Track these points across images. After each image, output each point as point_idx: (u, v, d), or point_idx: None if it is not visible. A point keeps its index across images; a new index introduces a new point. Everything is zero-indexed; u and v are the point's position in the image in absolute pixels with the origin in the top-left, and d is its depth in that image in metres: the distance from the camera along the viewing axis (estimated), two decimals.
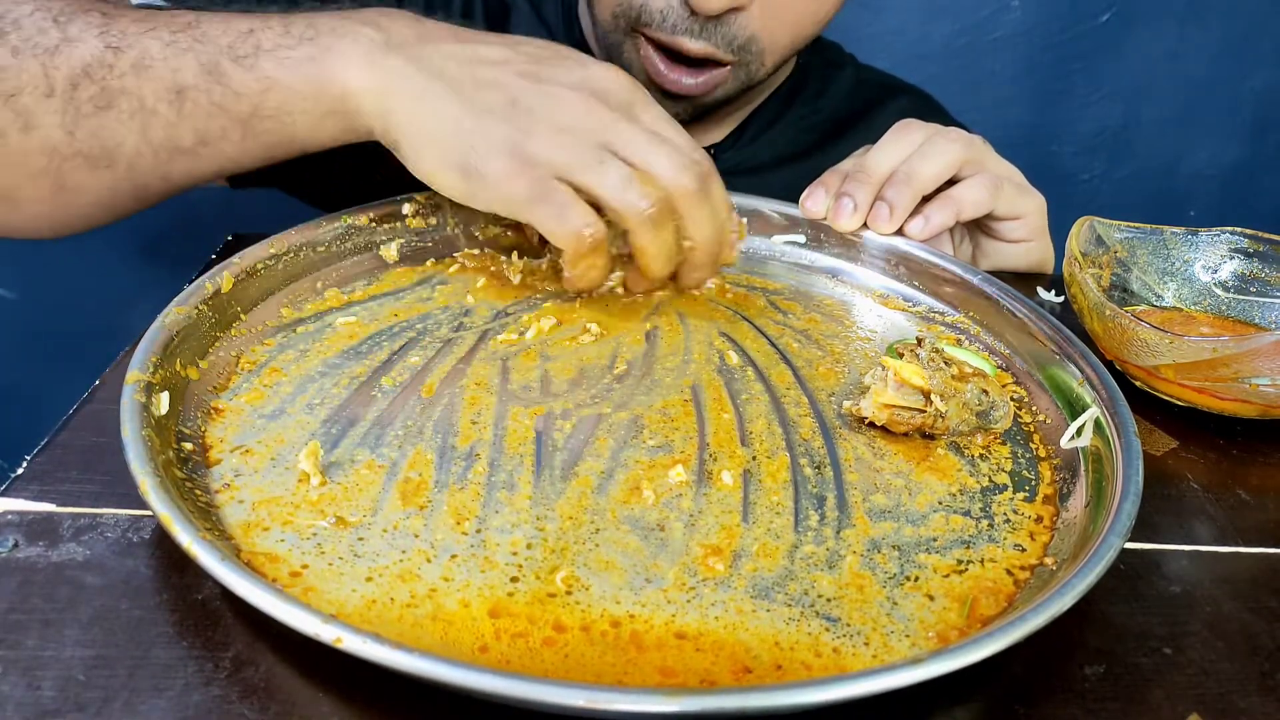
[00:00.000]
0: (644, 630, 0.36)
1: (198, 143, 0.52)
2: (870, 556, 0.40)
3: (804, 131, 0.86)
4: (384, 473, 0.43)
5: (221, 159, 0.54)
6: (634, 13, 0.68)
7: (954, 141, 0.63)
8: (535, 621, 0.36)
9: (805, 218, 0.64)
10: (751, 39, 0.69)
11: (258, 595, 0.32)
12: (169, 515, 0.35)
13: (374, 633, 0.31)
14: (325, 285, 0.56)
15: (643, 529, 0.41)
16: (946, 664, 0.31)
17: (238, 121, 0.52)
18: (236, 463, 0.42)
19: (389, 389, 0.49)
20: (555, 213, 0.50)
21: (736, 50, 0.69)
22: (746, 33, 0.68)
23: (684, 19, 0.67)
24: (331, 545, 0.38)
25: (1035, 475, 0.46)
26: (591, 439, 0.46)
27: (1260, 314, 0.60)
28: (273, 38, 0.52)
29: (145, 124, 0.51)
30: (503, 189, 0.50)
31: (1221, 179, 1.36)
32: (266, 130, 0.52)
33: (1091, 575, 0.35)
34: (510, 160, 0.50)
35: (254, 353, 0.50)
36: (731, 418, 0.49)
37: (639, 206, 0.50)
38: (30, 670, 0.33)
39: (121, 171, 0.53)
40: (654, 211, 0.51)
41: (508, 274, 0.60)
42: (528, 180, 0.50)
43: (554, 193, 0.50)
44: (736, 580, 0.39)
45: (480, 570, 0.38)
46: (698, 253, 0.54)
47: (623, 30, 0.70)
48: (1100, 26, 1.25)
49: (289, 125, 0.52)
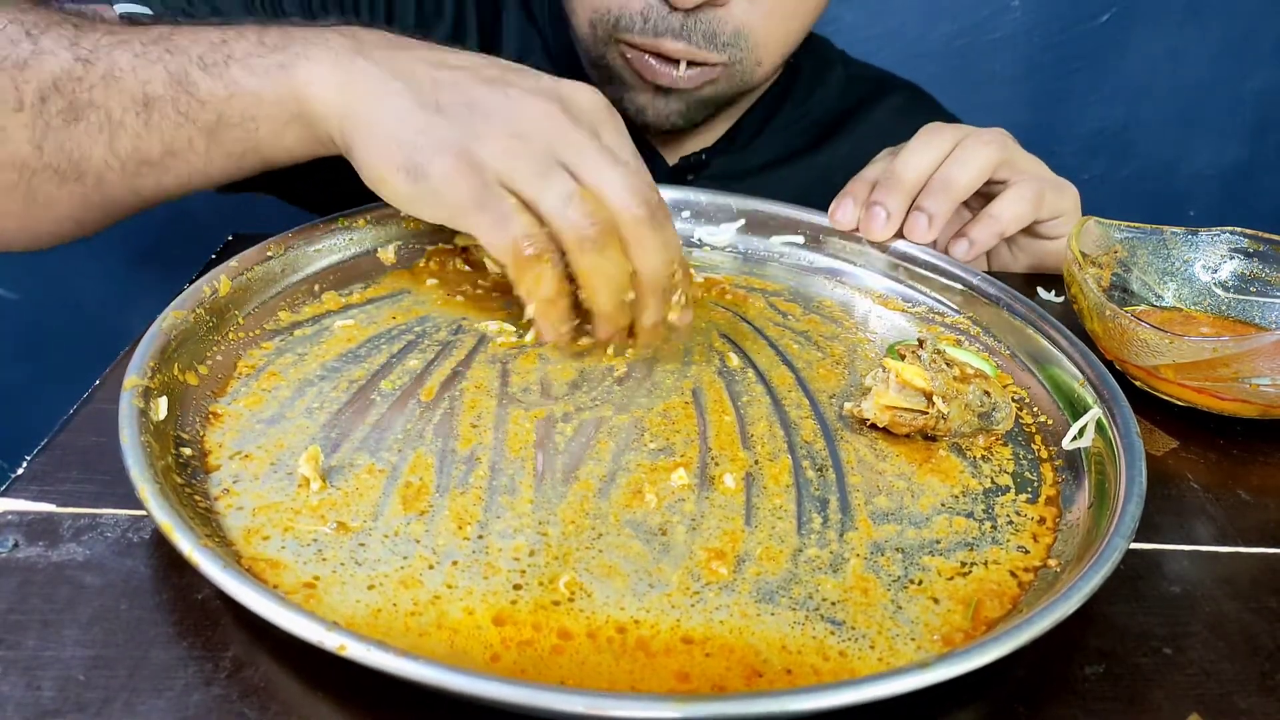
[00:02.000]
0: (650, 636, 0.36)
1: (165, 154, 0.52)
2: (874, 559, 0.40)
3: (796, 133, 0.86)
4: (384, 477, 0.43)
5: (189, 170, 0.53)
6: (611, 19, 0.68)
7: (988, 145, 0.62)
8: (541, 629, 0.36)
9: (836, 229, 0.63)
10: (738, 34, 0.68)
11: (262, 604, 0.32)
12: (169, 523, 0.35)
13: (382, 641, 0.31)
14: (323, 288, 0.56)
15: (645, 533, 0.41)
16: (954, 668, 0.32)
17: (203, 131, 0.51)
18: (236, 468, 0.42)
19: (388, 392, 0.48)
20: (494, 221, 0.48)
21: (722, 47, 0.68)
22: (730, 28, 0.67)
23: (664, 17, 0.66)
24: (333, 551, 0.38)
25: (1038, 476, 0.46)
26: (593, 442, 0.46)
27: (1260, 314, 0.60)
28: (245, 47, 0.51)
29: (113, 136, 0.51)
30: (444, 192, 0.48)
31: (1221, 179, 1.36)
32: (232, 139, 0.51)
33: (1097, 577, 0.36)
34: (455, 161, 0.47)
35: (252, 356, 0.50)
36: (733, 420, 0.49)
37: (579, 225, 0.47)
38: (30, 670, 0.33)
39: (90, 185, 0.53)
40: (594, 232, 0.47)
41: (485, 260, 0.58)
42: (470, 184, 0.47)
43: (496, 200, 0.47)
44: (740, 584, 0.39)
45: (483, 577, 0.38)
46: (643, 286, 0.50)
47: (603, 40, 0.70)
48: (1100, 26, 1.25)
49: (253, 133, 0.51)
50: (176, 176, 0.53)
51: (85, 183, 0.52)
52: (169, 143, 0.51)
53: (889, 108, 0.89)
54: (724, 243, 0.66)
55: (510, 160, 0.47)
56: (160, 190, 0.54)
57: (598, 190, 0.48)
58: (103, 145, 0.51)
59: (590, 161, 0.48)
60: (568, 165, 0.48)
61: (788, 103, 0.86)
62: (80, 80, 0.50)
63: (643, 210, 0.48)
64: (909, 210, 0.62)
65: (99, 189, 0.53)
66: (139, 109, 0.51)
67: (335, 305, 0.55)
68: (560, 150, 0.48)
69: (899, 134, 0.65)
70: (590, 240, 0.47)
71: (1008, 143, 0.64)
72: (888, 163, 0.64)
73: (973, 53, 1.25)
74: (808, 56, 0.88)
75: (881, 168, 0.64)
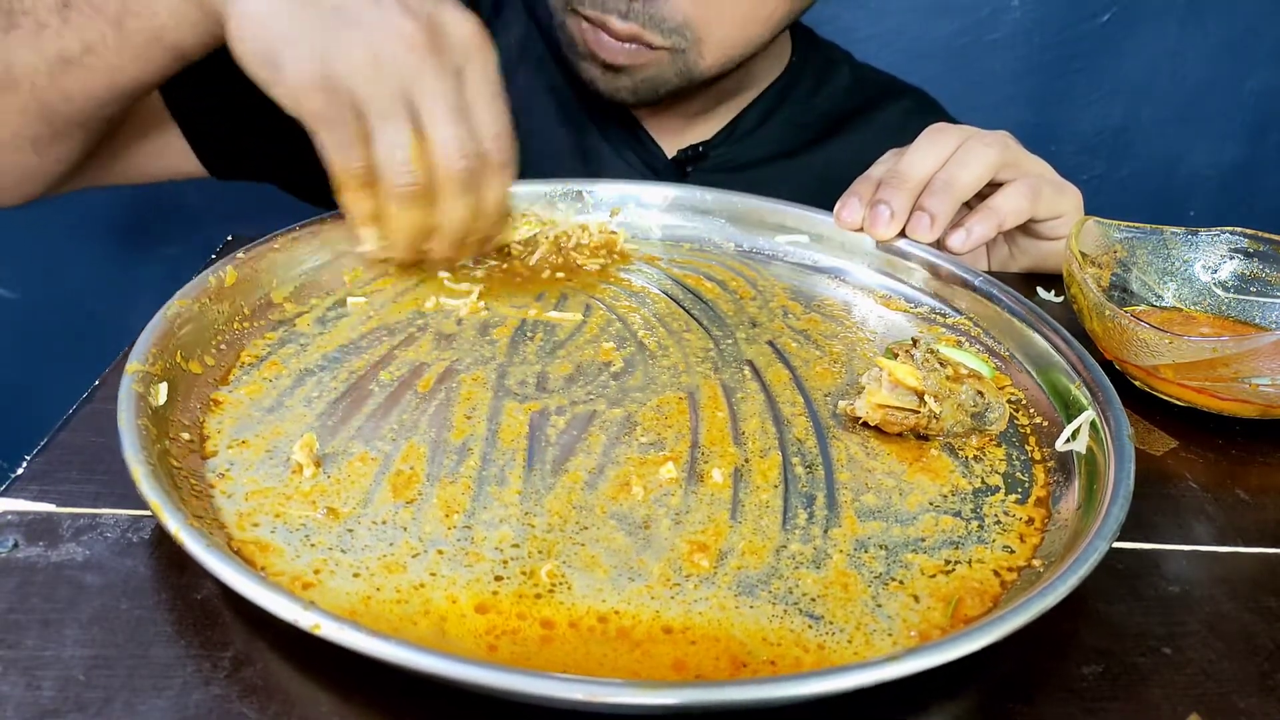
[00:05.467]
0: (631, 626, 0.36)
1: (83, 50, 0.56)
2: (857, 556, 0.41)
3: (797, 129, 0.86)
4: (376, 466, 0.43)
5: (106, 67, 0.57)
6: None
7: (990, 145, 0.62)
8: (525, 618, 0.36)
9: (841, 229, 0.63)
10: (685, 25, 0.70)
11: (243, 583, 0.32)
12: (158, 502, 0.35)
13: (373, 628, 0.31)
14: (328, 280, 0.57)
15: (629, 525, 0.41)
16: (924, 660, 0.32)
17: (112, 23, 0.55)
18: (232, 455, 0.43)
19: (386, 383, 0.49)
20: (335, 142, 0.50)
21: (667, 34, 0.70)
22: (678, 17, 0.69)
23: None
24: (321, 537, 0.39)
25: (1029, 477, 0.46)
26: (584, 435, 0.46)
27: (1260, 314, 0.60)
28: None
29: (38, 38, 0.56)
30: (298, 97, 0.50)
31: (1221, 179, 1.35)
32: (136, 29, 0.55)
33: (1074, 577, 0.35)
34: (314, 69, 0.49)
35: (255, 346, 0.51)
36: (725, 416, 0.49)
37: (398, 179, 0.50)
38: (30, 670, 0.33)
39: (25, 92, 0.58)
40: (409, 191, 0.50)
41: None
42: (323, 100, 0.49)
43: (340, 123, 0.49)
44: (721, 577, 0.39)
45: (466, 565, 0.38)
46: (441, 233, 0.54)
47: (561, 8, 0.73)
48: (1100, 26, 1.25)
49: (154, 20, 0.55)
50: (97, 73, 0.57)
51: (20, 90, 0.58)
52: (85, 39, 0.56)
53: (894, 111, 0.89)
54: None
55: (363, 87, 0.49)
56: (85, 91, 0.58)
57: (430, 139, 0.50)
58: (29, 48, 0.56)
59: (434, 106, 0.50)
60: (414, 102, 0.50)
61: (790, 100, 0.86)
62: None
63: (460, 173, 0.51)
64: (912, 210, 0.62)
65: (32, 94, 0.58)
66: (59, 9, 0.56)
67: (339, 297, 0.56)
68: (410, 86, 0.49)
69: (903, 137, 0.65)
70: (404, 196, 0.51)
71: (1010, 144, 0.64)
72: (892, 163, 0.64)
73: (973, 53, 1.25)
74: (814, 56, 0.89)
75: (886, 168, 0.64)
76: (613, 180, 0.67)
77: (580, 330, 0.56)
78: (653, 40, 0.70)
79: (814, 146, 0.86)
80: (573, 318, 0.56)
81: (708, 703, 0.30)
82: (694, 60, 0.72)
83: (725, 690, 0.31)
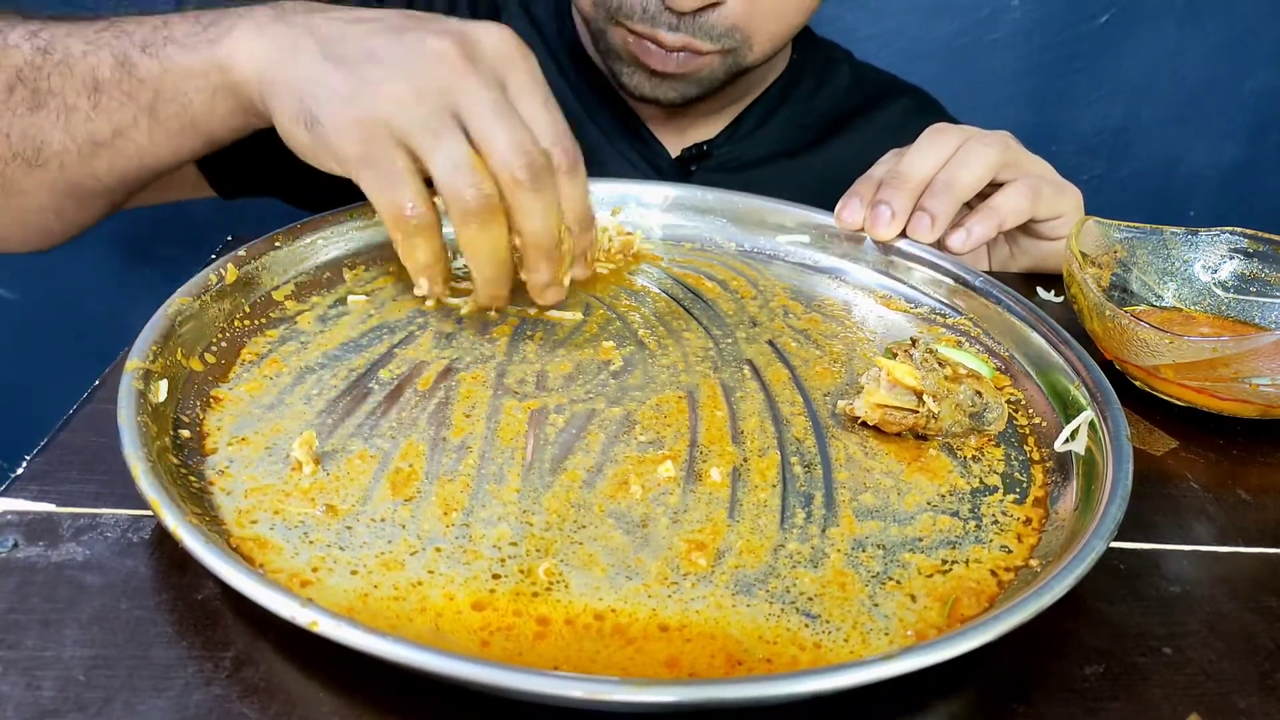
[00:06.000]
0: (627, 623, 0.36)
1: (114, 134, 0.54)
2: (854, 555, 0.41)
3: (798, 128, 0.86)
4: (376, 463, 0.43)
5: (137, 150, 0.55)
6: (613, 3, 0.70)
7: (990, 146, 0.62)
8: (521, 615, 0.36)
9: (842, 230, 0.63)
10: (733, 28, 0.70)
11: (241, 580, 0.33)
12: (157, 499, 0.35)
13: (370, 625, 0.31)
14: (329, 278, 0.57)
15: (627, 524, 0.41)
16: (919, 659, 0.32)
17: (145, 109, 0.54)
18: (232, 452, 0.43)
19: (386, 381, 0.49)
20: (380, 180, 0.47)
21: (717, 39, 0.70)
22: (726, 24, 0.69)
23: (660, 13, 0.68)
24: (319, 534, 0.39)
25: (1027, 478, 0.46)
26: (583, 434, 0.46)
27: (1260, 314, 0.60)
28: (184, 28, 0.53)
29: (68, 120, 0.54)
30: (333, 143, 0.47)
31: (1221, 179, 1.35)
32: (169, 115, 0.54)
33: (1071, 577, 0.35)
34: (347, 112, 0.46)
35: (256, 344, 0.51)
36: (724, 415, 0.49)
37: (463, 196, 0.46)
38: (30, 670, 0.33)
39: (54, 170, 0.56)
40: (476, 206, 0.46)
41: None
42: (361, 137, 0.46)
43: (387, 159, 0.47)
44: (718, 575, 0.39)
45: (464, 563, 0.38)
46: (526, 249, 0.50)
47: (603, 19, 0.72)
48: (1100, 26, 1.25)
49: (188, 108, 0.53)
50: (127, 157, 0.56)
51: (49, 168, 0.56)
52: (116, 123, 0.54)
53: (895, 111, 0.89)
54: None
55: (404, 114, 0.46)
56: (114, 172, 0.57)
57: (487, 147, 0.47)
58: (60, 129, 0.54)
59: (484, 114, 0.47)
60: (462, 116, 0.47)
61: (792, 99, 0.86)
62: (40, 69, 0.53)
63: (524, 173, 0.47)
64: (913, 210, 0.62)
65: (61, 173, 0.56)
66: (90, 93, 0.54)
67: (340, 294, 0.56)
68: (455, 99, 0.47)
69: (904, 137, 0.65)
70: (472, 214, 0.47)
71: (1011, 144, 0.64)
72: (893, 163, 0.64)
73: (973, 53, 1.25)
74: (815, 55, 0.89)
75: (887, 168, 0.64)
76: (613, 180, 0.67)
77: (580, 329, 0.56)
78: (702, 47, 0.70)
79: (815, 146, 0.86)
80: (573, 316, 0.56)
81: (704, 700, 0.30)
82: (744, 54, 0.72)
83: (722, 688, 0.31)
